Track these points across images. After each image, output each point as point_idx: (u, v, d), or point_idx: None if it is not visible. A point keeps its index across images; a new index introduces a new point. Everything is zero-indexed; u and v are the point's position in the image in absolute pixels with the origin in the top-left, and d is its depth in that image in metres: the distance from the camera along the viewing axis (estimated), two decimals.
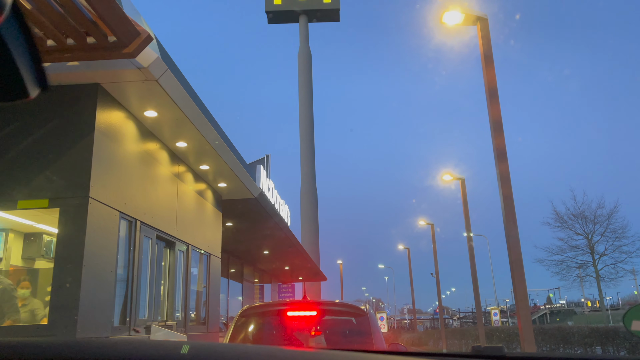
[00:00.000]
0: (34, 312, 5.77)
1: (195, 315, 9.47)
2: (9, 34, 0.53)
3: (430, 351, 5.09)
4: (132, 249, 6.55)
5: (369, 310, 4.51)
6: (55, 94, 5.68)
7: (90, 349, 0.75)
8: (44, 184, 5.51)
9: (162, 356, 0.69)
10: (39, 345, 0.77)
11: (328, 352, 0.72)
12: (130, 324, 6.32)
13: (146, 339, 4.58)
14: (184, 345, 0.72)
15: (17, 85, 0.56)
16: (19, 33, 0.54)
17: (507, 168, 9.03)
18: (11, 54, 0.54)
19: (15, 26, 0.53)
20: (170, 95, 6.24)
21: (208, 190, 10.04)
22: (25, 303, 5.87)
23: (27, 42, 0.56)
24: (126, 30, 4.79)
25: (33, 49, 0.57)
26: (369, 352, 0.88)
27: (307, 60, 37.07)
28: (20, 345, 0.78)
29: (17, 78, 0.56)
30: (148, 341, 0.77)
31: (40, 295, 5.85)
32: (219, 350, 0.68)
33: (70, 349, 0.76)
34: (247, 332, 4.35)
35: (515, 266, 8.53)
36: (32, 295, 5.96)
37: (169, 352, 0.71)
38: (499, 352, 1.02)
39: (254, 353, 0.67)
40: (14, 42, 0.53)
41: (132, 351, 0.73)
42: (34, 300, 5.86)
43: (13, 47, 0.54)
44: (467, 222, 19.23)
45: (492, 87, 9.16)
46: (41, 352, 0.76)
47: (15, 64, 0.55)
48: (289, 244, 16.85)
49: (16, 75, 0.55)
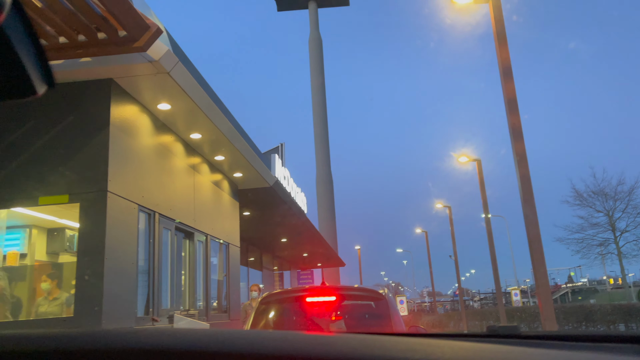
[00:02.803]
0: (63, 305, 5.92)
1: (217, 304, 9.61)
2: (13, 32, 0.54)
3: (446, 332, 5.10)
4: (152, 240, 6.65)
5: (388, 294, 4.53)
6: (70, 90, 5.75)
7: (114, 338, 0.77)
8: (63, 179, 5.61)
9: (178, 343, 0.70)
10: (67, 336, 0.80)
11: (342, 336, 0.73)
12: (153, 314, 6.44)
13: (168, 328, 4.67)
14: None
15: (24, 82, 0.57)
16: (22, 31, 0.55)
17: (523, 147, 8.92)
18: (16, 52, 0.55)
19: (18, 24, 0.54)
20: (182, 87, 6.27)
21: (224, 181, 10.11)
22: (56, 297, 6.01)
23: (31, 39, 0.57)
24: (136, 24, 4.82)
25: (38, 47, 0.58)
26: (388, 334, 0.89)
27: (317, 46, 36.86)
28: (47, 336, 0.80)
29: (24, 76, 0.57)
30: (169, 329, 0.79)
31: (65, 288, 5.99)
32: (232, 336, 0.69)
33: (94, 338, 0.79)
34: (268, 319, 4.41)
35: (534, 246, 8.47)
36: (59, 288, 6.09)
37: (184, 339, 0.73)
38: (514, 331, 1.02)
39: (266, 338, 0.68)
40: (18, 40, 0.54)
41: (153, 339, 0.74)
42: (64, 293, 6.00)
43: (17, 45, 0.55)
44: (484, 204, 19.09)
45: (506, 65, 9.02)
46: (70, 342, 0.78)
47: (21, 61, 0.56)
48: (306, 231, 16.93)
49: (22, 73, 0.57)
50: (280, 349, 0.67)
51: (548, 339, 1.05)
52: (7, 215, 6.62)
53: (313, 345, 0.67)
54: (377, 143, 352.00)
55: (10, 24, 0.53)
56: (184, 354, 0.70)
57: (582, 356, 0.69)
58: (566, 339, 1.03)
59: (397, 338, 0.72)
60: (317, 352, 0.65)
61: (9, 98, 0.59)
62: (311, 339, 0.69)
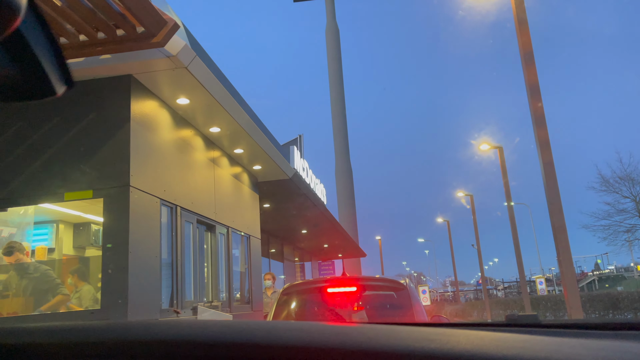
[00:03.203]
0: (81, 299, 6.06)
1: (239, 295, 9.72)
2: (30, 34, 0.55)
3: (465, 321, 5.09)
4: (175, 234, 6.75)
5: (409, 284, 4.52)
6: (91, 87, 5.84)
7: (137, 330, 0.79)
8: (87, 175, 5.72)
9: (197, 334, 0.72)
10: (95, 327, 0.82)
11: (358, 326, 0.74)
12: (177, 306, 6.55)
13: (192, 319, 4.76)
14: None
15: (44, 83, 0.59)
16: (40, 32, 0.56)
17: (546, 133, 8.77)
18: (35, 53, 0.56)
19: (35, 25, 0.55)
20: (201, 82, 6.31)
21: (244, 173, 10.18)
22: (77, 290, 6.18)
23: (49, 40, 0.58)
24: (153, 20, 4.86)
25: (56, 47, 0.59)
26: (406, 324, 0.89)
27: (335, 36, 36.66)
28: (78, 328, 0.83)
29: (43, 77, 0.58)
30: (193, 321, 0.81)
31: (93, 282, 6.13)
32: (250, 327, 0.70)
33: (123, 329, 0.81)
34: (290, 310, 4.45)
35: (558, 233, 8.35)
36: (82, 280, 6.24)
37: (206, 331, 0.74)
38: (534, 320, 1.01)
39: (283, 329, 0.69)
40: (36, 42, 0.56)
41: (176, 330, 0.76)
42: (85, 287, 6.15)
43: (36, 47, 0.56)
44: (507, 191, 18.85)
45: (527, 50, 8.84)
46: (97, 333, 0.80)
47: (40, 63, 0.57)
48: (326, 222, 16.97)
49: (41, 74, 0.58)
50: (296, 339, 0.67)
51: (569, 327, 1.03)
52: (35, 211, 6.79)
53: (328, 336, 0.67)
54: (395, 133, 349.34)
55: (27, 26, 0.54)
56: (205, 344, 0.71)
57: (603, 344, 0.68)
58: (588, 328, 1.02)
59: (413, 328, 0.72)
60: (333, 342, 0.65)
61: (29, 99, 0.61)
62: (326, 329, 0.70)
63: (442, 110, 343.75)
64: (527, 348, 0.62)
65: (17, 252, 5.88)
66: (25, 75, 0.58)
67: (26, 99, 0.62)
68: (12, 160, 5.93)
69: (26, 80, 0.58)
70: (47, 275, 5.92)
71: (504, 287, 65.05)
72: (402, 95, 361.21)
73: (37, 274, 5.90)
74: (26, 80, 0.58)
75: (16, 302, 5.88)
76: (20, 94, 0.61)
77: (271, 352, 0.67)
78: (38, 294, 5.86)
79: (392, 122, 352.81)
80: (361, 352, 0.63)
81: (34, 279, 5.87)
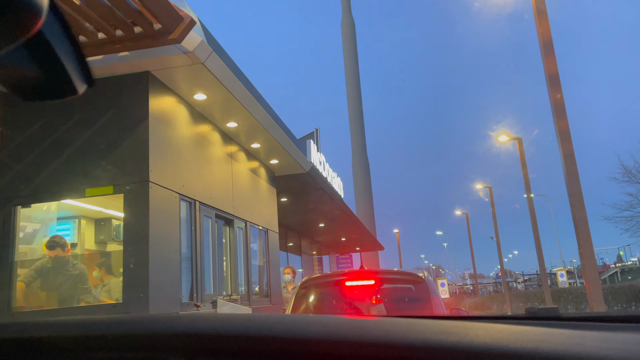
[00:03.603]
0: (111, 291, 6.18)
1: (258, 289, 9.80)
2: (51, 34, 0.56)
3: (484, 314, 5.03)
4: (194, 228, 6.82)
5: (427, 277, 4.50)
6: (110, 85, 5.92)
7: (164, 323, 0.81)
8: (107, 171, 5.81)
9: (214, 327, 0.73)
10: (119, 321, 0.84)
11: (376, 319, 0.74)
12: (197, 300, 6.63)
13: (212, 312, 4.82)
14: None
15: (65, 82, 0.60)
16: (60, 32, 0.57)
17: (566, 124, 8.62)
18: (56, 53, 0.57)
19: (56, 25, 0.56)
20: (217, 77, 6.35)
21: (261, 168, 10.23)
22: (105, 283, 6.30)
23: (69, 40, 0.59)
24: (169, 16, 4.90)
25: (76, 47, 0.60)
26: (425, 317, 0.89)
27: (350, 29, 36.47)
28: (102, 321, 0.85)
29: (64, 76, 0.59)
30: (213, 314, 0.82)
31: (115, 276, 6.24)
32: (270, 320, 0.71)
33: (139, 324, 0.82)
34: (308, 303, 4.47)
35: (579, 225, 8.23)
36: (108, 274, 6.36)
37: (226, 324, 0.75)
38: (554, 313, 1.00)
39: (303, 322, 0.70)
40: (57, 41, 0.57)
41: (197, 324, 0.77)
42: (112, 279, 6.26)
43: (57, 46, 0.57)
44: (526, 183, 18.60)
45: (547, 40, 8.69)
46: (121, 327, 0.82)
47: (61, 62, 0.58)
48: (344, 216, 16.97)
49: (63, 74, 0.59)
50: (316, 332, 0.68)
51: (590, 320, 1.02)
52: (58, 207, 6.93)
53: (347, 329, 0.68)
54: (412, 125, 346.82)
55: (48, 26, 0.55)
56: (226, 337, 0.72)
57: (626, 337, 0.67)
58: (610, 321, 1.01)
59: (432, 321, 0.72)
60: (352, 335, 0.66)
61: (51, 98, 0.62)
62: (345, 323, 0.70)
63: (459, 102, 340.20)
64: (548, 341, 0.61)
65: (58, 248, 6.01)
66: (47, 75, 0.60)
67: (48, 98, 0.63)
68: (35, 157, 6.05)
69: (48, 79, 0.60)
70: (84, 275, 6.04)
71: (524, 280, 64.36)
72: (419, 88, 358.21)
73: (76, 271, 6.02)
74: (48, 80, 0.60)
75: (46, 296, 6.02)
76: (43, 93, 0.62)
77: (291, 345, 0.68)
78: (70, 291, 5.98)
79: (409, 115, 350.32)
80: (380, 345, 0.63)
81: (72, 276, 5.99)
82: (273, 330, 0.69)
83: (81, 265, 6.14)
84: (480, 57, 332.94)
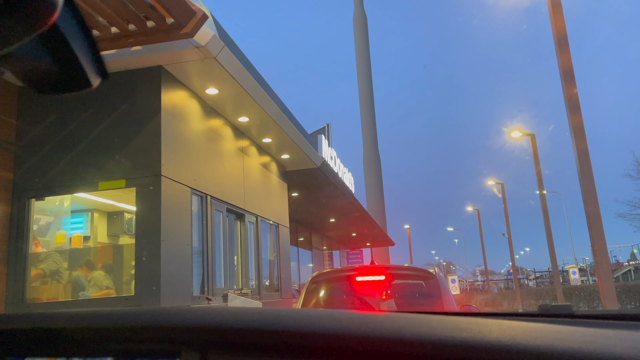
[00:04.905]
0: (98, 283, 6.22)
1: (269, 283, 9.84)
2: (66, 27, 0.56)
3: (496, 311, 4.98)
4: (205, 222, 6.86)
5: (438, 273, 4.48)
6: (122, 79, 5.96)
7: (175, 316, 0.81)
8: (120, 165, 5.86)
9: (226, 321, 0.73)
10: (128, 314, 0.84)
11: (389, 315, 0.74)
12: (208, 293, 6.68)
13: (224, 306, 4.86)
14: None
15: (79, 76, 0.60)
16: (75, 25, 0.58)
17: (580, 120, 8.52)
18: (71, 46, 0.57)
19: (71, 19, 0.57)
20: (229, 71, 6.36)
21: (272, 163, 10.25)
22: (88, 279, 6.32)
23: (84, 33, 0.59)
24: (182, 11, 4.91)
25: (90, 40, 0.61)
26: (437, 313, 0.89)
27: (362, 23, 36.30)
28: (109, 314, 0.86)
29: (79, 69, 0.60)
30: (225, 308, 0.82)
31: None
32: (281, 314, 0.71)
33: (151, 316, 0.83)
34: (319, 298, 4.47)
35: (593, 222, 8.14)
36: (90, 270, 6.39)
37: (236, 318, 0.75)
38: (567, 311, 1.00)
39: (314, 316, 0.70)
40: (71, 35, 0.57)
41: (209, 317, 0.78)
42: (95, 272, 6.28)
43: (72, 40, 0.57)
44: (539, 180, 18.43)
45: (562, 35, 8.58)
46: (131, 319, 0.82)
47: (76, 55, 0.59)
48: (355, 211, 16.95)
49: (77, 67, 0.59)
50: (327, 326, 0.68)
51: (603, 318, 1.01)
52: (71, 200, 7.00)
53: (359, 324, 0.68)
54: (424, 120, 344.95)
55: (63, 20, 0.55)
56: (238, 331, 0.73)
57: (638, 336, 0.66)
58: (623, 319, 0.99)
59: (444, 317, 0.72)
60: (364, 330, 0.66)
61: (66, 91, 0.63)
62: (357, 318, 0.70)
63: (473, 96, 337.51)
64: (561, 339, 0.61)
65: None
66: (61, 68, 0.60)
67: (62, 92, 0.63)
68: (49, 151, 6.12)
69: (63, 73, 0.60)
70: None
71: (536, 277, 63.88)
72: (432, 82, 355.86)
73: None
74: (63, 73, 0.60)
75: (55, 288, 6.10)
76: (57, 86, 0.62)
77: (302, 339, 0.68)
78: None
79: (422, 110, 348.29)
80: (393, 341, 0.63)
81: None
82: (285, 324, 0.69)
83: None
84: (496, 51, 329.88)
